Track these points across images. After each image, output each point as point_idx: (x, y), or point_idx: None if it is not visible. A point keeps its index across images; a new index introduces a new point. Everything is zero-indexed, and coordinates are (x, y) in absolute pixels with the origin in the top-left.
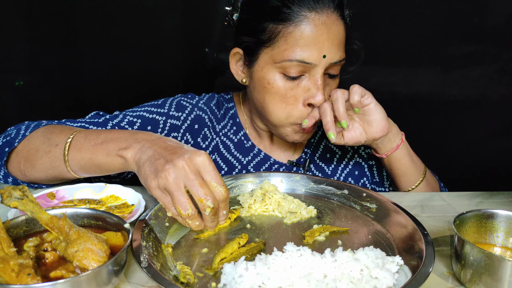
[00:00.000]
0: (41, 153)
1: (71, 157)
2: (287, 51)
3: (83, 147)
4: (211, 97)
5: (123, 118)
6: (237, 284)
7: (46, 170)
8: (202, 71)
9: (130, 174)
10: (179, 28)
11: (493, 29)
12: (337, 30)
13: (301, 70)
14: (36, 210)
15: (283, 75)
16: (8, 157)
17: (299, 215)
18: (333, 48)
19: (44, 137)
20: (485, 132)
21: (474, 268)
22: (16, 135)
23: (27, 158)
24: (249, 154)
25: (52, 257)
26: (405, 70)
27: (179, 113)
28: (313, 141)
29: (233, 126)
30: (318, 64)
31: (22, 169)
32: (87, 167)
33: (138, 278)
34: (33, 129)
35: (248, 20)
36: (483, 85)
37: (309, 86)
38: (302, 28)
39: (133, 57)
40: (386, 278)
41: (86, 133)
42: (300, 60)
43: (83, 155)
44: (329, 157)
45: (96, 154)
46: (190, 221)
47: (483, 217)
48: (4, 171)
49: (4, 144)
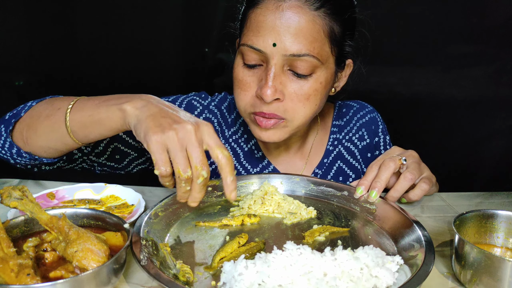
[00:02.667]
0: (43, 117)
1: (71, 118)
2: (245, 35)
3: (85, 107)
4: (223, 98)
5: None
6: (237, 282)
7: (47, 134)
8: (202, 70)
9: (136, 168)
10: (179, 28)
11: (493, 29)
12: (299, 19)
13: (258, 59)
14: (36, 210)
15: (242, 61)
16: (14, 127)
17: (299, 215)
18: (289, 37)
19: (47, 104)
20: (485, 132)
21: (474, 269)
22: (22, 108)
23: (30, 124)
24: (258, 165)
25: (52, 257)
26: (404, 70)
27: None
28: (326, 161)
29: (244, 133)
30: (270, 54)
31: (25, 136)
32: (86, 124)
33: (137, 278)
34: (39, 101)
35: (238, 7)
36: (483, 85)
37: (262, 76)
38: (257, 11)
39: (133, 57)
40: (386, 277)
41: (89, 98)
42: (250, 45)
43: (84, 113)
44: (342, 180)
45: (98, 110)
46: (182, 184)
47: (483, 217)
48: (10, 141)
49: (10, 117)
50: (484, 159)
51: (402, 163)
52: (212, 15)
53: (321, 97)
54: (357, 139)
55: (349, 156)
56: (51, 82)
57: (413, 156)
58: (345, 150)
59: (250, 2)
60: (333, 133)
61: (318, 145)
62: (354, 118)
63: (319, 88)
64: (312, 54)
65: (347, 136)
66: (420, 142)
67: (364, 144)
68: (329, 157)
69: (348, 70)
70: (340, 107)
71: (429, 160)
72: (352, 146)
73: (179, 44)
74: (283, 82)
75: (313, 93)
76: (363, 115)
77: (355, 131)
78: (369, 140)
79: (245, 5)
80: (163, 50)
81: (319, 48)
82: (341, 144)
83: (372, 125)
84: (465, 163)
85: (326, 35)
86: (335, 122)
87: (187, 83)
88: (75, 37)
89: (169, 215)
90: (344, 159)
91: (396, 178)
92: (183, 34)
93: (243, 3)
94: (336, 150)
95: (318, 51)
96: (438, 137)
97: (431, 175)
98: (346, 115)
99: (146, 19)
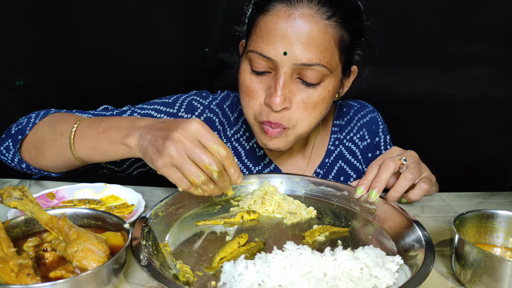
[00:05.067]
0: (48, 142)
1: (76, 146)
2: (254, 41)
3: (86, 136)
4: (226, 96)
5: (131, 115)
6: (237, 283)
7: (54, 159)
8: (202, 70)
9: (136, 171)
10: (179, 28)
11: (493, 29)
12: (311, 28)
13: (266, 66)
14: (36, 210)
15: (250, 68)
16: (21, 144)
17: (299, 215)
18: (300, 46)
19: (49, 127)
20: (485, 132)
21: (474, 269)
22: (27, 123)
23: (36, 147)
24: (259, 164)
25: (52, 257)
26: (404, 70)
27: (188, 115)
28: (327, 161)
29: (246, 132)
30: (281, 62)
31: (33, 157)
32: (92, 154)
33: (137, 278)
34: (42, 117)
35: (245, 9)
36: (483, 85)
37: (270, 84)
38: (268, 18)
39: (133, 58)
40: (386, 277)
41: (88, 122)
42: (260, 53)
43: (88, 143)
44: (343, 180)
45: (100, 142)
46: (205, 187)
47: (483, 217)
48: (18, 158)
49: (16, 132)
50: (484, 159)
51: (402, 163)
52: (212, 15)
53: (327, 105)
54: (358, 139)
55: (350, 156)
56: (51, 82)
57: (413, 156)
58: (346, 150)
59: (260, 8)
60: (334, 132)
61: (320, 145)
62: (355, 118)
63: (327, 96)
64: (323, 64)
65: (348, 136)
66: (420, 142)
67: (365, 144)
68: (330, 157)
69: (353, 76)
70: (340, 106)
71: (429, 160)
72: (353, 146)
73: (179, 44)
74: (291, 90)
75: (320, 101)
76: (364, 115)
77: (356, 131)
78: (370, 140)
79: (255, 10)
80: (163, 51)
81: (329, 57)
82: (342, 144)
83: (372, 125)
84: (465, 163)
85: (336, 44)
86: (336, 122)
87: (187, 83)
88: (75, 37)
89: (169, 215)
90: (345, 159)
91: (396, 178)
92: (183, 34)
93: (251, 7)
94: (337, 150)
95: (328, 60)
96: (438, 137)
97: (431, 175)
98: (347, 114)
99: (146, 20)
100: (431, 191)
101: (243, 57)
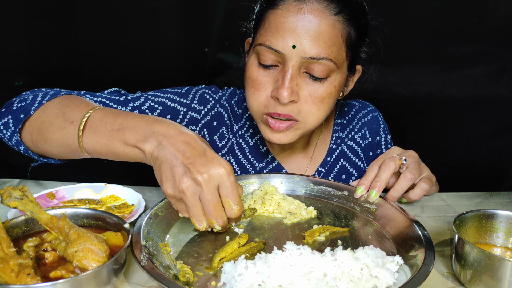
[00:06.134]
0: (54, 127)
1: (85, 139)
2: (262, 35)
3: (99, 130)
4: (233, 93)
5: (145, 102)
6: (237, 283)
7: (58, 146)
8: (202, 70)
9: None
10: (179, 28)
11: (493, 29)
12: (319, 23)
13: (274, 59)
14: (36, 210)
15: (257, 61)
16: (23, 125)
17: (299, 215)
18: (308, 40)
19: (59, 110)
20: (485, 132)
21: (474, 268)
22: (32, 101)
23: (40, 130)
24: (263, 160)
25: (52, 257)
26: (404, 70)
27: (201, 107)
28: (329, 159)
29: (250, 128)
30: (289, 56)
31: (35, 140)
32: (103, 152)
33: (137, 278)
34: (50, 97)
35: (252, 6)
36: (483, 85)
37: (278, 77)
38: (277, 12)
39: (133, 57)
40: (386, 277)
41: (102, 114)
42: (268, 46)
43: (99, 139)
44: (345, 178)
45: (113, 141)
46: (201, 227)
47: (483, 217)
48: (17, 139)
49: (19, 110)
50: (484, 159)
51: (402, 163)
52: (212, 15)
53: (333, 101)
54: (359, 137)
55: (352, 154)
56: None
57: (413, 156)
58: (348, 148)
59: (270, 3)
60: (336, 131)
61: (322, 143)
62: (356, 117)
63: (333, 91)
64: (330, 58)
65: (349, 135)
66: (421, 142)
67: (366, 143)
68: (332, 155)
69: (357, 76)
70: (342, 106)
71: (429, 160)
72: (355, 144)
73: (179, 44)
74: (299, 84)
75: (327, 96)
76: (365, 114)
77: (357, 130)
78: (371, 138)
79: (264, 5)
80: (163, 50)
81: (336, 52)
82: (343, 143)
83: (374, 124)
84: (465, 163)
85: (343, 40)
86: (337, 121)
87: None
88: (75, 37)
89: (169, 215)
90: (347, 158)
91: (396, 178)
92: (183, 34)
93: (259, 2)
94: (339, 148)
95: (336, 55)
96: (438, 137)
97: (431, 175)
98: (348, 113)
99: (146, 19)
100: (431, 191)
101: (250, 52)
